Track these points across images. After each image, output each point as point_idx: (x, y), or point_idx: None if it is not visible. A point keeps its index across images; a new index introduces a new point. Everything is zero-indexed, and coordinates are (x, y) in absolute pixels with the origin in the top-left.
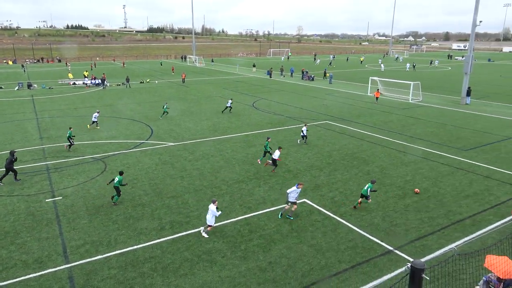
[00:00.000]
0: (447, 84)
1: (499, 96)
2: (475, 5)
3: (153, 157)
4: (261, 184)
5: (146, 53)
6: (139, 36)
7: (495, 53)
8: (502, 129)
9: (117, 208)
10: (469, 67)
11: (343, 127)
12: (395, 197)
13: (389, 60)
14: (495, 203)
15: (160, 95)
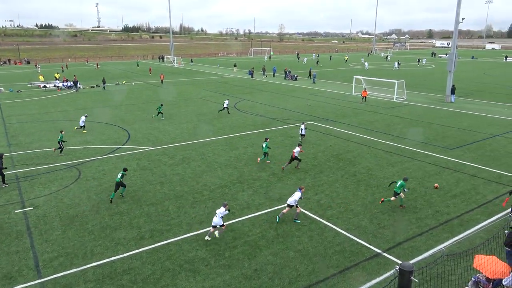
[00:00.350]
0: (431, 82)
1: (483, 94)
2: (457, 2)
3: (131, 162)
4: (245, 188)
5: (121, 54)
6: (114, 36)
7: (478, 50)
8: (487, 127)
9: (93, 217)
10: (453, 65)
11: (328, 127)
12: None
13: (375, 59)
14: (482, 202)
15: (137, 98)
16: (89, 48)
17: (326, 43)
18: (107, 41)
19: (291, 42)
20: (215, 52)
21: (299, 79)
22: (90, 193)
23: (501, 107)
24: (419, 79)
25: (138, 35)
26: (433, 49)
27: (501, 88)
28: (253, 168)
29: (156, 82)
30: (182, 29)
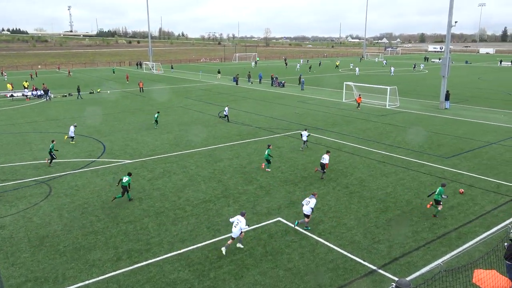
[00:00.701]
0: (424, 88)
1: (478, 100)
2: (450, 5)
3: (107, 177)
4: (231, 203)
5: (96, 60)
6: (88, 41)
7: (472, 55)
8: (483, 134)
9: (65, 237)
10: (446, 70)
11: (318, 137)
12: (376, 211)
13: (367, 64)
14: (480, 213)
15: (113, 107)
16: (60, 54)
17: (315, 48)
18: (80, 47)
19: (278, 47)
20: (197, 57)
21: (287, 86)
22: (61, 211)
23: (497, 113)
24: (411, 85)
25: (114, 40)
26: (425, 53)
27: (497, 93)
28: (238, 181)
29: (134, 90)
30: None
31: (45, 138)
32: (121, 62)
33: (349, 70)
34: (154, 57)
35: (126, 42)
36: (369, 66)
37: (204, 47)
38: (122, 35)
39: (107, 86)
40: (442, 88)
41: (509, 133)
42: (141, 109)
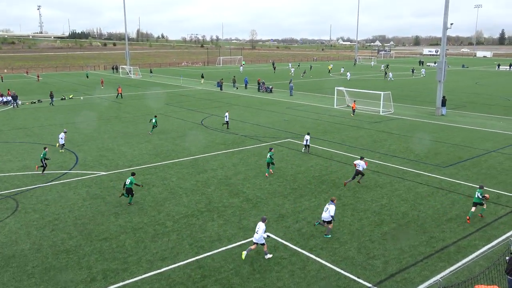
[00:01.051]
0: (420, 94)
1: (476, 106)
2: (445, 6)
3: (79, 190)
4: (215, 217)
5: (68, 64)
6: (59, 43)
7: (469, 58)
8: (482, 142)
9: (34, 257)
10: (442, 74)
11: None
12: (371, 224)
13: (361, 68)
14: (480, 225)
15: (87, 114)
16: (29, 57)
17: (304, 51)
18: (51, 49)
19: (265, 50)
20: (178, 61)
21: (274, 91)
22: (30, 228)
23: (496, 120)
24: (406, 90)
25: (88, 42)
26: (420, 57)
27: (495, 99)
28: (223, 193)
29: (110, 95)
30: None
31: (12, 149)
32: (96, 66)
33: (341, 75)
34: (131, 61)
35: (101, 45)
36: (362, 71)
37: (186, 50)
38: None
39: (80, 91)
40: (438, 93)
41: (508, 140)
42: (118, 117)
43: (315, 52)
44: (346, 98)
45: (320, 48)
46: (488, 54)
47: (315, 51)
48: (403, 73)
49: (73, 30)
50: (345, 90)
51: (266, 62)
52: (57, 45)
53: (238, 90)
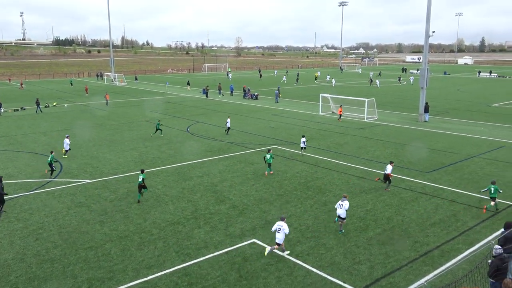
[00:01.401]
0: (403, 100)
1: (458, 112)
2: (427, 14)
3: (64, 199)
4: (201, 224)
5: (51, 71)
6: (42, 50)
7: (451, 65)
8: (464, 147)
9: (17, 267)
10: (425, 81)
11: (294, 152)
12: (356, 229)
13: (349, 75)
14: (463, 229)
15: (71, 122)
16: (11, 64)
17: (289, 58)
18: (34, 56)
19: (250, 57)
20: (164, 68)
21: (260, 98)
22: (13, 238)
23: (477, 125)
24: (389, 96)
25: (72, 49)
26: (403, 64)
27: (476, 105)
28: (210, 200)
29: (93, 103)
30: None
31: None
32: (80, 73)
33: (326, 82)
34: (116, 68)
35: (85, 52)
36: (350, 78)
37: (171, 57)
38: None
39: (65, 99)
40: (421, 100)
41: (489, 146)
42: (102, 124)
43: (300, 59)
44: (331, 105)
45: (305, 55)
46: (469, 61)
47: (300, 58)
48: (388, 80)
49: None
50: (330, 97)
51: (251, 69)
52: (41, 52)
53: (224, 97)
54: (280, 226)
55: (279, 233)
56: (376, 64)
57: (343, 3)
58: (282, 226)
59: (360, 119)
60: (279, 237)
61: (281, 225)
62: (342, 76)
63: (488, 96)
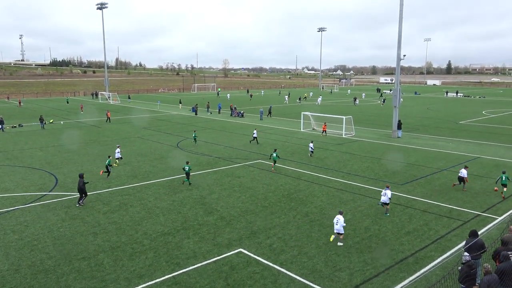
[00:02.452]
0: (378, 118)
1: (428, 128)
2: (398, 40)
3: (59, 211)
4: (191, 235)
5: (48, 90)
6: (40, 71)
7: (421, 86)
8: (435, 161)
9: (12, 278)
10: (397, 101)
11: (278, 166)
12: (337, 238)
13: (324, 95)
14: (435, 237)
15: (67, 138)
16: (10, 83)
17: (272, 79)
18: (32, 76)
19: (236, 78)
20: (155, 88)
21: (246, 116)
22: (8, 249)
23: (446, 141)
24: (365, 115)
25: (68, 69)
26: (377, 84)
27: (445, 122)
28: (198, 212)
29: (88, 120)
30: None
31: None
32: (76, 92)
33: (308, 101)
34: (110, 87)
35: (81, 72)
36: (326, 97)
37: (162, 77)
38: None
39: (61, 116)
40: (394, 117)
41: (458, 159)
42: (96, 140)
43: (283, 80)
44: (312, 122)
45: (287, 76)
46: (437, 82)
47: (282, 79)
48: (366, 99)
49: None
50: (311, 115)
51: (238, 89)
52: (38, 72)
53: (212, 115)
54: (338, 219)
55: (337, 225)
56: (353, 84)
57: (322, 29)
58: (339, 219)
59: (339, 135)
60: (337, 228)
61: (338, 218)
62: (331, 96)
63: (455, 114)
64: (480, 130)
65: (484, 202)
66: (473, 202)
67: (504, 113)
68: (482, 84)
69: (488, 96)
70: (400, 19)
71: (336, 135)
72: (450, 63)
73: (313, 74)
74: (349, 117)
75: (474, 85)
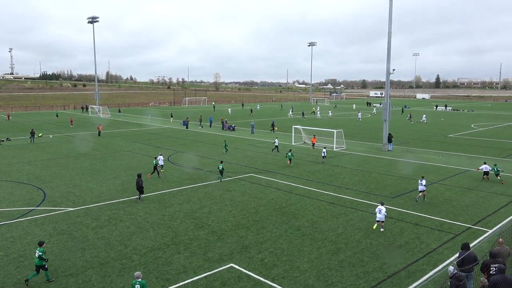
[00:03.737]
0: (368, 131)
1: (418, 142)
2: (387, 54)
3: (46, 227)
4: (181, 250)
5: (38, 103)
6: (30, 84)
7: (410, 100)
8: (425, 174)
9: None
10: (387, 114)
11: (269, 179)
12: (328, 253)
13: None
14: (427, 251)
15: (56, 152)
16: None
17: (264, 92)
18: (21, 90)
19: (228, 91)
20: (146, 101)
21: (237, 130)
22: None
23: (436, 154)
24: (356, 128)
25: (58, 83)
26: (367, 98)
27: (434, 135)
28: (189, 226)
29: (78, 134)
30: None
31: None
32: (66, 106)
33: (298, 114)
34: (101, 101)
35: (71, 85)
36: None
37: (153, 91)
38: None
39: (50, 130)
40: (384, 131)
41: (447, 173)
42: (86, 154)
43: (274, 93)
44: (303, 135)
45: (278, 90)
46: (426, 96)
47: (273, 93)
48: (352, 113)
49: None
50: (302, 129)
51: (229, 102)
52: (28, 86)
53: (203, 129)
54: (380, 209)
55: (380, 214)
56: (343, 98)
57: (312, 43)
58: (381, 209)
59: (330, 148)
60: (379, 216)
61: (380, 208)
62: (335, 110)
63: (444, 128)
64: (469, 144)
65: (475, 215)
66: (464, 215)
67: (493, 126)
68: (470, 98)
69: (476, 110)
70: (389, 34)
71: (327, 148)
72: (439, 77)
73: (304, 88)
74: (340, 131)
75: (462, 98)
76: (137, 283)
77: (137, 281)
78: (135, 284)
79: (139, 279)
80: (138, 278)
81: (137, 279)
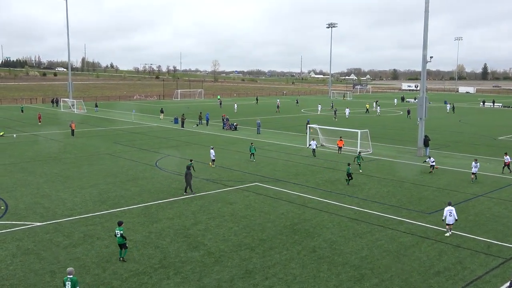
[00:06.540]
0: (399, 132)
1: (461, 145)
2: (424, 38)
3: (8, 245)
4: (171, 274)
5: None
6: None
7: (451, 94)
8: (469, 185)
9: None
10: (423, 111)
11: (278, 190)
12: (350, 280)
13: (338, 104)
14: (471, 279)
15: (20, 155)
16: None
17: (272, 84)
18: None
19: (228, 82)
20: (130, 94)
21: (240, 129)
22: None
23: (482, 161)
24: (384, 128)
25: (24, 71)
26: (400, 92)
27: (481, 138)
28: (181, 246)
29: (47, 133)
30: (85, 65)
31: None
32: (33, 99)
33: (312, 110)
34: (75, 93)
35: (40, 74)
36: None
37: (139, 81)
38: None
39: (14, 128)
40: (419, 132)
41: (496, 183)
42: (57, 158)
43: (284, 85)
44: (320, 136)
45: (290, 82)
46: (471, 90)
47: (284, 85)
48: (385, 109)
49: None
50: (318, 128)
51: (229, 96)
52: None
53: (199, 128)
54: (451, 211)
55: (450, 217)
56: (369, 91)
57: (332, 25)
58: (452, 211)
59: (353, 152)
60: (449, 219)
61: (451, 209)
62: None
63: (492, 128)
64: None
65: None
66: None
67: None
68: None
69: None
70: (426, 11)
71: (349, 153)
72: (486, 67)
73: (322, 79)
74: (366, 131)
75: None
76: (68, 279)
77: (68, 278)
78: (66, 281)
79: (71, 276)
80: (70, 274)
81: (69, 275)
